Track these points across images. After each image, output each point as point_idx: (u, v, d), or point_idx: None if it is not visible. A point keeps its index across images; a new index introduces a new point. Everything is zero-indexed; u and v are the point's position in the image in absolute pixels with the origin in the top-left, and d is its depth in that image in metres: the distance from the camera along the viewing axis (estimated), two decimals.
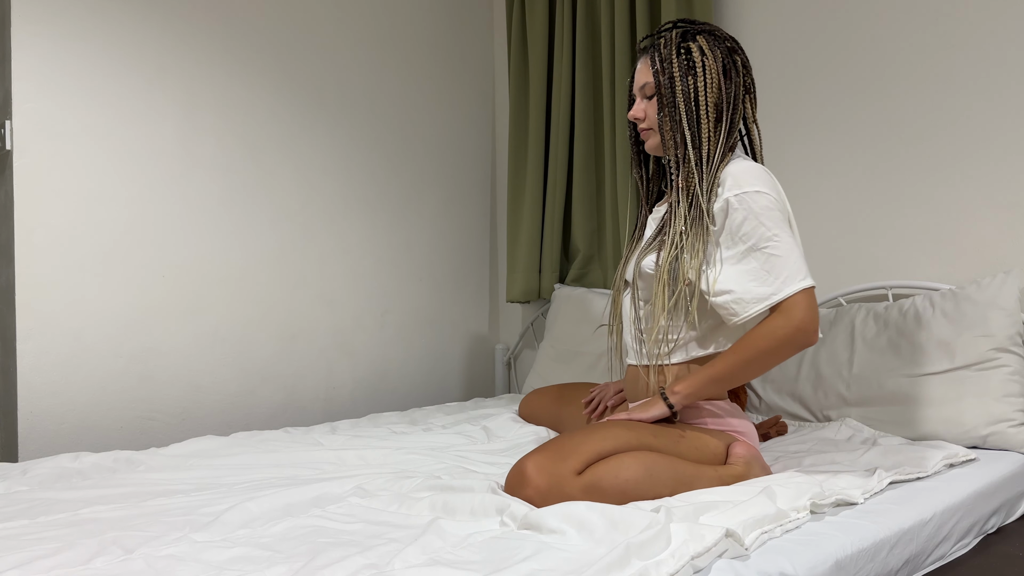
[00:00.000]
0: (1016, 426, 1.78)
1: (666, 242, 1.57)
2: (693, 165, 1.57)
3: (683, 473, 1.44)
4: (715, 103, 1.59)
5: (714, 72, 1.59)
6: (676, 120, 1.59)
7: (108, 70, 2.16)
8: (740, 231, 1.51)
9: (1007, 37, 1.99)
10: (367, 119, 2.72)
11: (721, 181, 1.55)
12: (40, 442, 2.05)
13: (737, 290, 1.51)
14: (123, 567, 1.08)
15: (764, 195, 1.51)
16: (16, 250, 2.02)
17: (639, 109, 1.66)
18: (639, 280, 1.62)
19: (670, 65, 1.60)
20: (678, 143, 1.60)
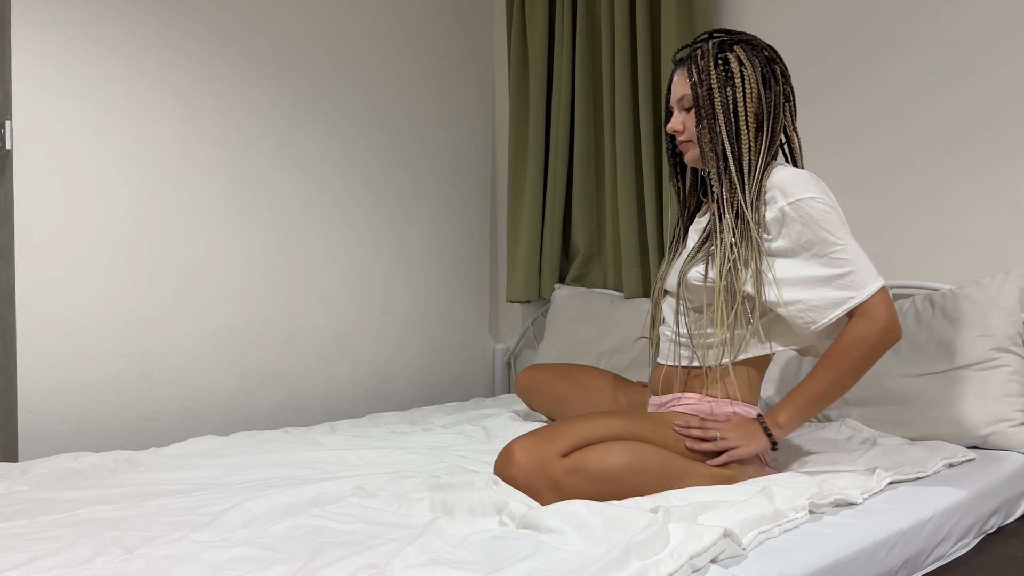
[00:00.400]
0: (1016, 426, 1.78)
1: (715, 254, 1.55)
2: (735, 176, 1.55)
3: (672, 467, 1.45)
4: (755, 113, 1.57)
5: (753, 82, 1.57)
6: (715, 132, 1.57)
7: (108, 70, 2.16)
8: (801, 239, 1.51)
9: (1007, 36, 1.99)
10: (367, 119, 2.72)
11: (769, 190, 1.54)
12: (40, 442, 2.06)
13: (810, 298, 1.50)
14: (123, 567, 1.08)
15: (818, 200, 1.51)
16: (16, 250, 2.02)
17: (677, 121, 1.64)
18: (685, 291, 1.60)
19: (708, 76, 1.58)
20: (718, 155, 1.58)
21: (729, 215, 1.55)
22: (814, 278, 1.50)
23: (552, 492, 1.36)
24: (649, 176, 2.51)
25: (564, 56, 2.75)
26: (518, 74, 2.90)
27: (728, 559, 1.11)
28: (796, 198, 1.51)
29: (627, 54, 2.55)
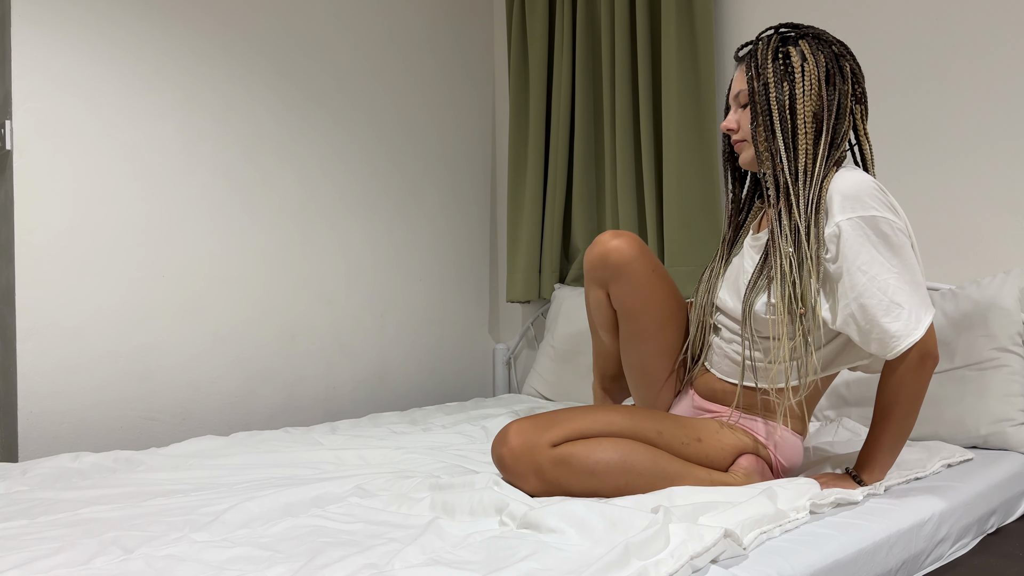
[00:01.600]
0: (1016, 426, 1.78)
1: (774, 276, 1.43)
2: (790, 181, 1.45)
3: (666, 469, 1.43)
4: (814, 112, 1.46)
5: (814, 78, 1.46)
6: (770, 130, 1.47)
7: (108, 70, 2.16)
8: (858, 260, 1.39)
9: (1007, 37, 1.99)
10: (367, 119, 2.72)
11: (828, 200, 1.42)
12: (40, 442, 2.06)
13: (873, 330, 1.39)
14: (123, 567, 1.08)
15: (879, 219, 1.39)
16: (16, 250, 2.02)
17: (732, 120, 1.56)
18: (753, 323, 1.49)
19: (764, 71, 1.48)
20: (773, 155, 1.48)
21: (787, 225, 1.44)
22: (873, 307, 1.38)
23: (536, 478, 1.38)
24: (649, 176, 2.51)
25: (564, 56, 2.75)
26: (518, 74, 2.90)
27: (728, 559, 1.11)
28: (856, 214, 1.40)
29: (627, 54, 2.55)
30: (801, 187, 1.45)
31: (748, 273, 1.55)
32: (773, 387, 1.51)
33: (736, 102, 1.56)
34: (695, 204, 2.42)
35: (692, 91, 2.43)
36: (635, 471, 1.40)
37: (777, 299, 1.43)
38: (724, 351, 1.61)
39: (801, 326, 1.41)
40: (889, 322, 1.38)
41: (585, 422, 1.44)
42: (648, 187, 2.51)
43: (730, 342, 1.59)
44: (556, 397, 2.60)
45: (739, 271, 1.60)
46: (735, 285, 1.60)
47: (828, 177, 1.45)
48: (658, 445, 1.47)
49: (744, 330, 1.51)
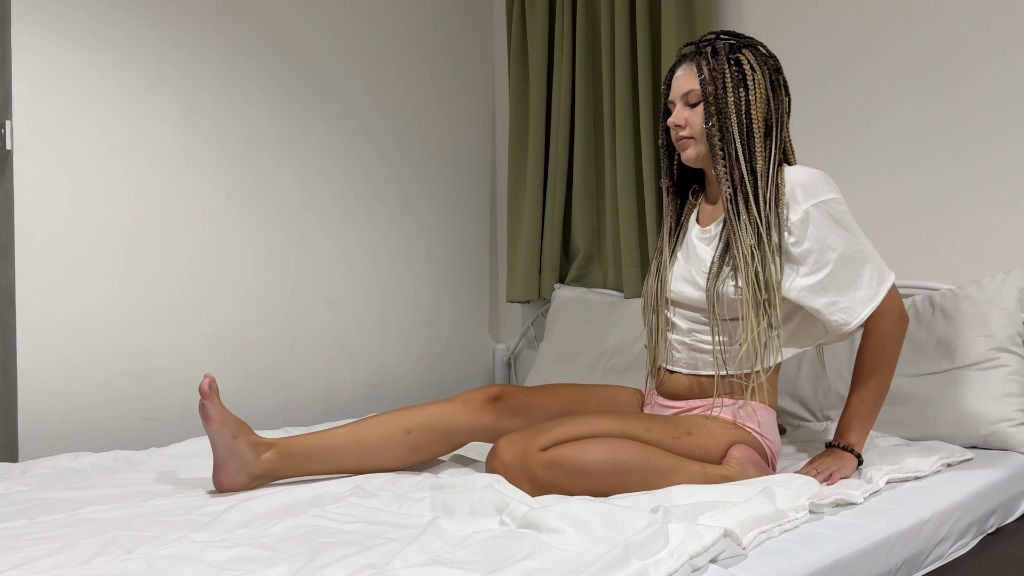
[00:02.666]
0: (1016, 426, 1.78)
1: (739, 264, 1.54)
2: (747, 178, 1.56)
3: (657, 464, 1.45)
4: (764, 117, 1.59)
5: (762, 87, 1.59)
6: (728, 131, 1.57)
7: (108, 70, 2.16)
8: (827, 240, 1.54)
9: (1007, 37, 1.99)
10: (367, 119, 2.72)
11: (788, 191, 1.56)
12: (40, 442, 2.06)
13: (842, 299, 1.54)
14: (123, 567, 1.08)
15: (839, 201, 1.57)
16: (16, 250, 2.02)
17: (680, 116, 1.63)
18: (718, 307, 1.58)
19: (722, 75, 1.58)
20: (730, 155, 1.57)
21: (746, 219, 1.55)
22: (842, 279, 1.54)
23: (531, 485, 1.41)
24: (649, 176, 2.51)
25: (564, 56, 2.75)
26: (518, 74, 2.90)
27: (728, 559, 1.11)
28: (819, 199, 1.55)
29: (627, 54, 2.55)
30: (759, 185, 1.56)
31: (705, 262, 1.63)
32: (742, 371, 1.58)
33: (684, 100, 1.63)
34: None
35: None
36: (626, 467, 1.43)
37: (743, 284, 1.53)
38: (687, 344, 1.66)
39: (766, 313, 1.53)
40: (860, 288, 1.55)
41: (573, 426, 1.48)
42: (648, 187, 2.51)
43: (690, 332, 1.65)
44: None
45: (691, 263, 1.67)
46: (689, 276, 1.66)
47: (779, 174, 1.58)
48: (648, 442, 1.49)
49: (711, 317, 1.59)
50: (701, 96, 1.59)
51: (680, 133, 1.64)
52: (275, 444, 1.52)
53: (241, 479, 1.48)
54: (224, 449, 1.46)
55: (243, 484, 1.48)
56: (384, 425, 1.59)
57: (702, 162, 1.65)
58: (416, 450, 1.59)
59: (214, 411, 1.45)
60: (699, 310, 1.64)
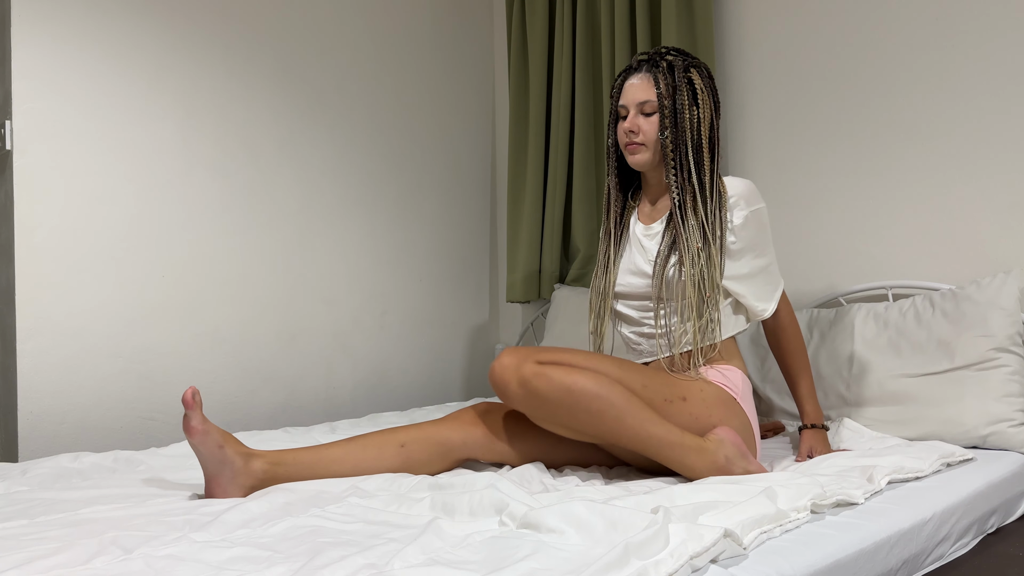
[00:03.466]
0: (1016, 426, 1.78)
1: (685, 256, 1.69)
2: (696, 185, 1.70)
3: (640, 410, 1.53)
4: (708, 135, 1.73)
5: (708, 107, 1.73)
6: (680, 143, 1.71)
7: (108, 70, 2.16)
8: (753, 240, 1.75)
9: (1007, 37, 1.99)
10: (367, 119, 2.72)
11: (732, 198, 1.74)
12: (40, 442, 2.06)
13: (760, 292, 1.76)
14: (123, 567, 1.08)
15: (763, 209, 1.78)
16: (16, 250, 2.02)
17: (634, 123, 1.74)
18: (664, 291, 1.72)
19: (680, 92, 1.71)
20: (680, 165, 1.71)
21: (693, 223, 1.70)
22: (760, 275, 1.76)
23: (518, 386, 1.53)
24: None
25: (564, 56, 2.75)
26: (518, 74, 2.90)
27: (728, 559, 1.10)
28: (756, 207, 1.76)
29: (627, 55, 2.55)
30: (707, 192, 1.71)
31: (651, 252, 1.76)
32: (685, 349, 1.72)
33: (639, 108, 1.74)
34: None
35: None
36: (608, 400, 1.51)
37: (687, 279, 1.68)
38: (642, 333, 1.77)
39: (707, 307, 1.69)
40: (772, 285, 1.78)
41: (575, 357, 1.60)
42: None
43: (635, 323, 1.78)
44: None
45: (635, 258, 1.79)
46: (635, 268, 1.78)
47: (720, 183, 1.75)
48: (641, 397, 1.57)
49: (658, 302, 1.72)
50: (657, 108, 1.72)
51: (633, 139, 1.74)
52: (264, 455, 1.50)
53: (233, 490, 1.45)
54: (212, 460, 1.44)
55: (237, 495, 1.45)
56: (377, 439, 1.60)
57: (650, 167, 1.77)
58: (410, 462, 1.60)
59: (196, 421, 1.43)
60: (645, 298, 1.76)
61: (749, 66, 2.44)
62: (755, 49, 2.42)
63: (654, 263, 1.74)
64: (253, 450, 1.50)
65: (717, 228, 1.71)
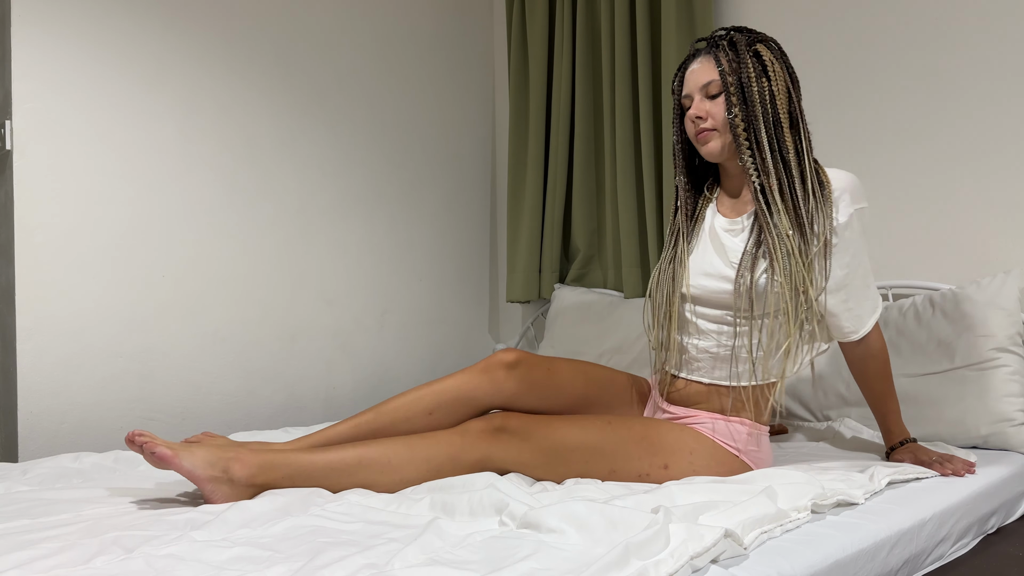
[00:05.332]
0: (1016, 426, 1.78)
1: (777, 257, 1.48)
2: (782, 169, 1.51)
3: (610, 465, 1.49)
4: (787, 110, 1.54)
5: (782, 79, 1.55)
6: (753, 120, 1.52)
7: (108, 70, 2.16)
8: (852, 247, 1.54)
9: (1007, 37, 1.99)
10: (367, 119, 2.72)
11: (834, 192, 1.52)
12: (40, 442, 2.06)
13: (855, 307, 1.56)
14: (123, 567, 1.08)
15: (865, 210, 1.57)
16: (16, 250, 2.02)
17: (701, 108, 1.57)
18: (756, 303, 1.51)
19: (744, 65, 1.53)
20: (756, 144, 1.52)
21: (781, 210, 1.49)
22: (857, 287, 1.55)
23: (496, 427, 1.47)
24: (649, 176, 2.51)
25: (564, 56, 2.75)
26: (518, 74, 2.90)
27: (729, 559, 1.10)
28: (860, 206, 1.55)
29: (627, 54, 2.55)
30: (794, 177, 1.51)
31: (735, 253, 1.55)
32: (768, 380, 1.54)
33: (704, 92, 1.57)
34: None
35: None
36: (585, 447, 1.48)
37: (781, 278, 1.47)
38: (706, 348, 1.59)
39: (804, 315, 1.49)
40: (872, 302, 1.59)
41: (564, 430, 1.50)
42: (648, 187, 2.51)
43: (710, 334, 1.58)
44: None
45: (713, 256, 1.58)
46: (712, 270, 1.57)
47: (820, 172, 1.54)
48: (615, 471, 1.49)
49: (738, 313, 1.52)
50: (722, 86, 1.54)
51: (701, 125, 1.57)
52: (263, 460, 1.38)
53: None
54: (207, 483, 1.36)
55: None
56: (405, 409, 1.53)
57: (726, 154, 1.58)
58: (438, 425, 1.54)
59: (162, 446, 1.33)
60: (724, 307, 1.56)
61: None
62: None
63: (738, 265, 1.52)
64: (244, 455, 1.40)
65: (818, 220, 1.49)
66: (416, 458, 1.44)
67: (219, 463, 1.37)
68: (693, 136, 1.60)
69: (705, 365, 1.60)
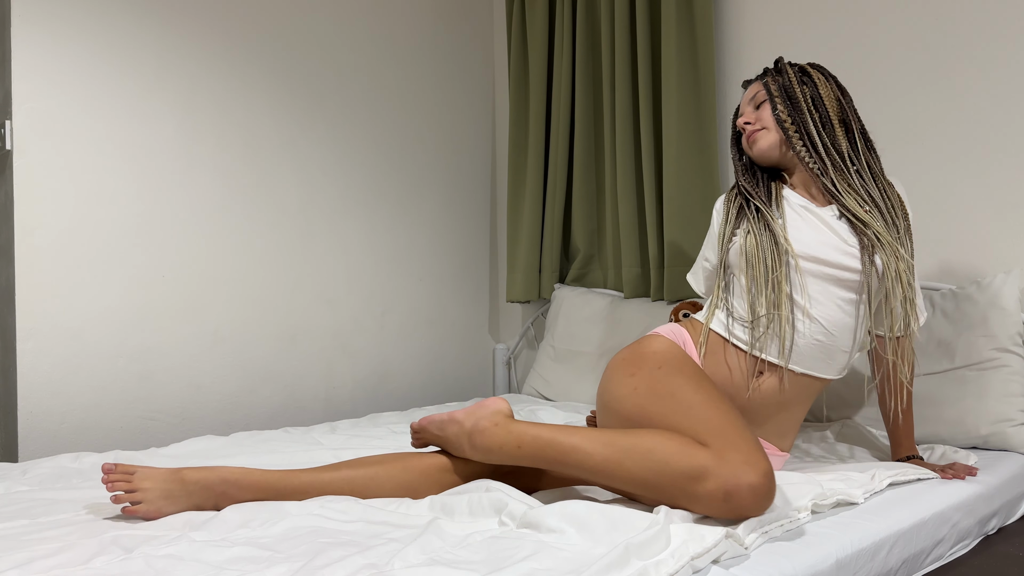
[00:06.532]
0: (1016, 426, 1.78)
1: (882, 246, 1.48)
2: (839, 160, 1.57)
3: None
4: (839, 116, 1.61)
5: (827, 87, 1.62)
6: (799, 114, 1.59)
7: (108, 70, 2.16)
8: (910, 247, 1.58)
9: (1007, 37, 1.99)
10: (367, 119, 2.72)
11: (901, 193, 1.61)
12: (40, 442, 2.05)
13: (919, 293, 1.60)
14: (123, 567, 1.08)
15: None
16: (16, 250, 2.02)
17: (749, 115, 1.66)
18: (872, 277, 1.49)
19: (787, 75, 1.63)
20: (808, 134, 1.58)
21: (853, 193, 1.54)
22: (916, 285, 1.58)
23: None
24: (649, 176, 2.51)
25: (564, 56, 2.75)
26: (518, 74, 2.90)
27: (730, 559, 1.10)
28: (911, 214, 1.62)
29: (627, 55, 2.55)
30: (855, 168, 1.57)
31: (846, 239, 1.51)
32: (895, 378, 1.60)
33: (752, 102, 1.67)
34: (695, 204, 2.42)
35: (692, 91, 2.43)
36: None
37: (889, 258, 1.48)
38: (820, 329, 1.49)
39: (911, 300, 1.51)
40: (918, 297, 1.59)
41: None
42: (648, 187, 2.51)
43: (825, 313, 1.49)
44: (556, 397, 2.60)
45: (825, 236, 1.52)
46: (826, 239, 1.51)
47: (882, 173, 1.61)
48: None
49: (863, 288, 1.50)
50: (767, 95, 1.64)
51: (750, 129, 1.65)
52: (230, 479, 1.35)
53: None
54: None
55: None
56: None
57: (775, 154, 1.63)
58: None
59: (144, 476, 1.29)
60: (845, 284, 1.50)
61: (749, 66, 2.43)
62: (754, 49, 2.42)
63: (860, 252, 1.49)
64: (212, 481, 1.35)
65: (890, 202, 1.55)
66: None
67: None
68: (747, 144, 1.67)
69: (809, 349, 1.51)
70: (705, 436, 1.24)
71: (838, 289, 1.51)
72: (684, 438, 1.25)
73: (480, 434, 1.37)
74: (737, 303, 1.55)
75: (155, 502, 1.29)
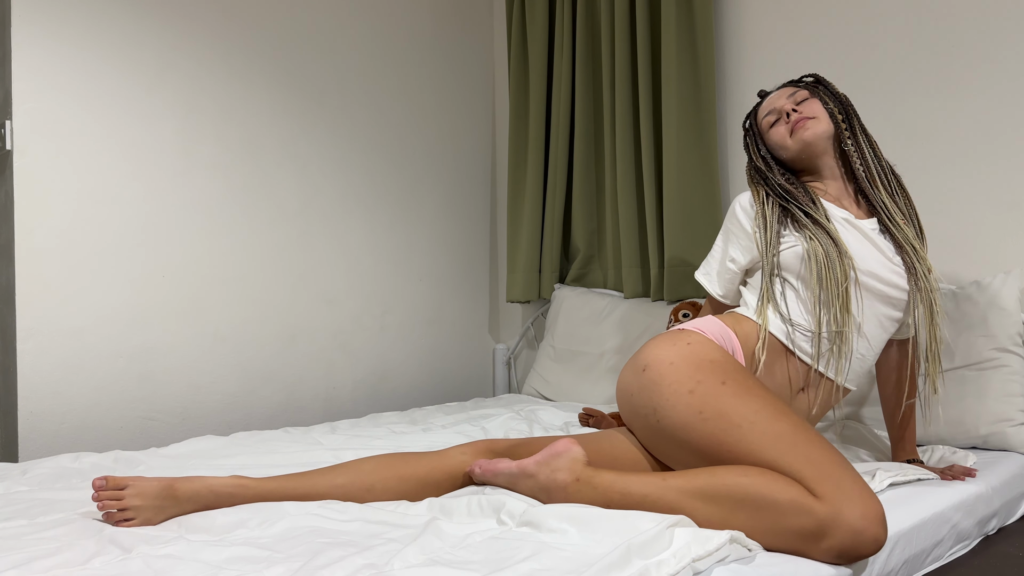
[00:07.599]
0: (1016, 426, 1.78)
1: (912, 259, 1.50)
2: (877, 164, 1.59)
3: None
4: (862, 126, 1.64)
5: (852, 109, 1.64)
6: (846, 107, 1.61)
7: (109, 70, 2.16)
8: None
9: (1007, 38, 1.99)
10: (367, 119, 2.72)
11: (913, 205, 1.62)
12: (40, 442, 2.05)
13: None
14: (122, 567, 1.08)
15: None
16: (16, 250, 2.02)
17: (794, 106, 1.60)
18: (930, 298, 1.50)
19: (825, 83, 1.65)
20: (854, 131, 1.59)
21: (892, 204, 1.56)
22: None
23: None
24: (649, 176, 2.51)
25: (564, 56, 2.75)
26: (518, 74, 2.90)
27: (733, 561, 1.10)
28: None
29: (627, 54, 2.55)
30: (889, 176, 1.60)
31: (887, 249, 1.52)
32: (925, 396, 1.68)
33: (792, 100, 1.61)
34: (695, 204, 2.42)
35: (692, 91, 2.43)
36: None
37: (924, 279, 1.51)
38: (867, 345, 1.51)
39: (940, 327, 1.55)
40: None
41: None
42: (648, 187, 2.51)
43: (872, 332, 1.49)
44: (556, 397, 2.60)
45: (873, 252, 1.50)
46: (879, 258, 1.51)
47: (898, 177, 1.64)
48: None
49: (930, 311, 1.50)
50: (809, 94, 1.62)
51: (797, 116, 1.58)
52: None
53: None
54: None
55: None
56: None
57: (822, 144, 1.58)
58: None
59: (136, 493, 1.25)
60: (891, 302, 1.51)
61: (749, 66, 2.43)
62: (755, 49, 2.42)
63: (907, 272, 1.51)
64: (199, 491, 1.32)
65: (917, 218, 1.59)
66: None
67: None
68: (792, 126, 1.58)
69: (856, 364, 1.50)
70: (811, 481, 1.16)
71: (883, 306, 1.51)
72: (791, 485, 1.16)
73: (561, 491, 1.26)
74: (797, 312, 1.47)
75: (147, 518, 1.26)
